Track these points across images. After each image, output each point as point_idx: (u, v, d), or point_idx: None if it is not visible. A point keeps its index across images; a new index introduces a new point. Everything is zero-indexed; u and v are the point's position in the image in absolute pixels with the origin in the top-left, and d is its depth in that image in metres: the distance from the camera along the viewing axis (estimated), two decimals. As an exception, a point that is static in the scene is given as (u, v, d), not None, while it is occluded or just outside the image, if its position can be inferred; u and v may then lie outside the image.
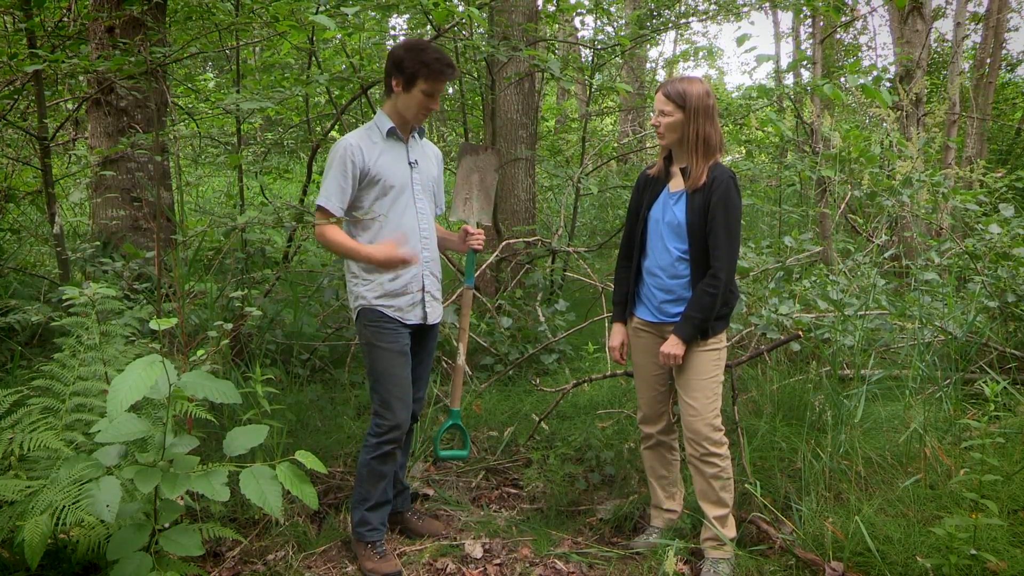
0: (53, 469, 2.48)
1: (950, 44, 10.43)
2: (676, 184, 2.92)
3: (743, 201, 5.92)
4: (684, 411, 2.88)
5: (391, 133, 2.92)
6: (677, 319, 2.87)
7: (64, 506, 2.21)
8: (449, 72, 2.84)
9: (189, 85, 7.73)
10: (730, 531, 2.91)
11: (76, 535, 2.50)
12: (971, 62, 11.86)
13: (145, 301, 3.80)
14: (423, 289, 2.98)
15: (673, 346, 2.82)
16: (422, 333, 3.07)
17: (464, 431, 3.41)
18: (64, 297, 2.92)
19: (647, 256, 2.97)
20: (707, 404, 2.83)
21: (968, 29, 11.56)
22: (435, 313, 3.06)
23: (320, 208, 2.84)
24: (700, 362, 2.85)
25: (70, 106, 6.48)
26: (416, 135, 3.03)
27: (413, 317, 2.97)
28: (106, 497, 2.16)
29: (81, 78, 5.57)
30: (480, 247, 3.16)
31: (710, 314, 2.79)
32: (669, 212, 2.88)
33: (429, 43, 2.91)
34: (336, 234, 2.86)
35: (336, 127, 6.13)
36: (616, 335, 3.12)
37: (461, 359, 3.27)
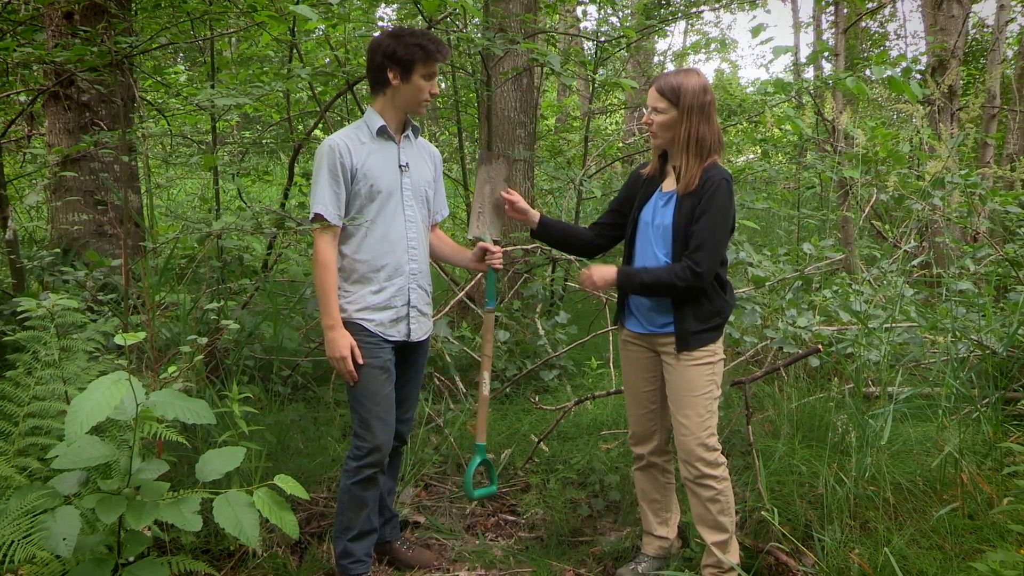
0: (2, 500, 2.44)
1: (990, 30, 10.33)
2: (669, 184, 2.93)
3: (760, 205, 5.97)
4: (676, 430, 2.89)
5: (382, 132, 2.90)
6: (667, 328, 2.87)
7: (13, 541, 2.15)
8: (445, 50, 2.85)
9: (159, 79, 7.73)
10: (732, 556, 2.89)
11: (26, 574, 2.46)
12: (1015, 48, 11.66)
13: (110, 313, 3.78)
14: (408, 303, 2.96)
15: (600, 273, 2.85)
16: (408, 350, 3.04)
17: (491, 466, 3.38)
18: (19, 309, 2.90)
19: (635, 263, 2.97)
20: (699, 422, 2.83)
21: (1014, 12, 11.20)
22: (421, 329, 3.04)
23: (317, 216, 2.81)
24: (691, 377, 2.84)
25: (23, 99, 6.44)
26: (410, 134, 3.01)
27: (396, 333, 2.95)
28: (63, 529, 2.12)
29: (36, 68, 5.55)
30: (500, 265, 3.11)
31: (657, 290, 2.81)
32: (659, 214, 2.90)
33: (413, 28, 2.91)
34: (325, 263, 2.83)
35: (320, 126, 6.13)
36: None
37: (486, 389, 3.21)
